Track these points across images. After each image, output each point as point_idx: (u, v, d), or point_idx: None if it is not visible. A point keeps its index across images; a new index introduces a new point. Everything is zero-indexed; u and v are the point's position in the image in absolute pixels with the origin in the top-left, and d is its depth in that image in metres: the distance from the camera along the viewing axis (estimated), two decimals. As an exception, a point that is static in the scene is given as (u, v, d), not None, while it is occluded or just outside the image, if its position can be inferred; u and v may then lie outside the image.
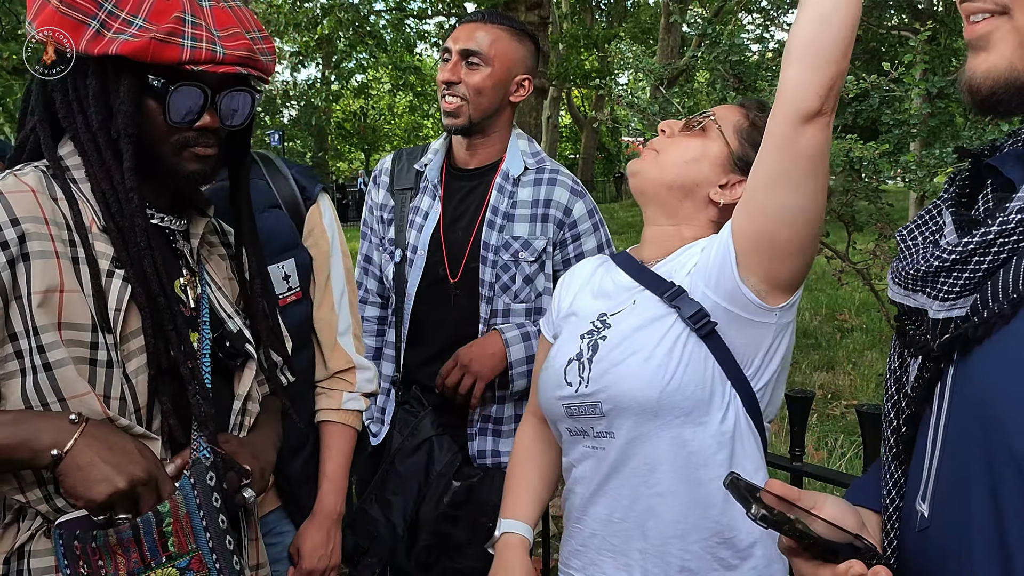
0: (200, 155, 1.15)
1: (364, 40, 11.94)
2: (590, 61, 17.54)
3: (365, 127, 21.62)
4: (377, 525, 1.90)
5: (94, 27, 1.05)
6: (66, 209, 1.09)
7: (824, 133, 1.13)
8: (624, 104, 5.38)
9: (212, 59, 1.07)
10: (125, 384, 1.09)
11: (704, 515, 1.31)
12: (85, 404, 1.05)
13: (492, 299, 2.00)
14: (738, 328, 1.30)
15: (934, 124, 5.07)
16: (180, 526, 1.07)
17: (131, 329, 1.10)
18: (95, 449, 1.01)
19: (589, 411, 1.38)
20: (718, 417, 1.31)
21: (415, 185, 2.11)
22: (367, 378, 1.80)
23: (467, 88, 1.97)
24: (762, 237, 1.22)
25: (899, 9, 8.40)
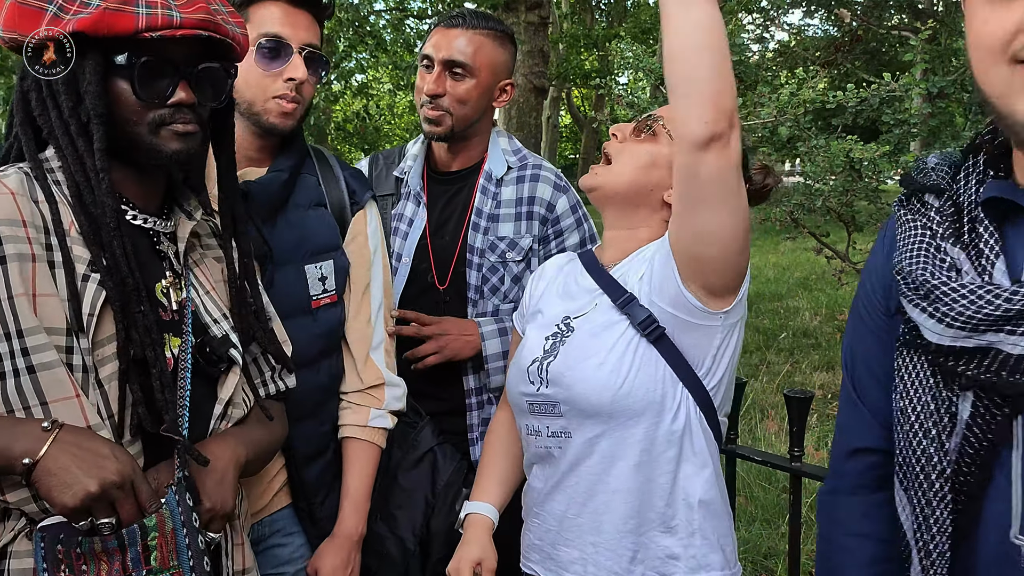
0: (179, 132, 1.13)
1: (364, 40, 11.93)
2: (590, 61, 17.53)
3: (366, 127, 21.59)
4: (384, 542, 1.83)
5: (51, 11, 1.05)
6: (47, 211, 1.08)
7: (723, 157, 1.16)
8: (624, 104, 5.38)
9: (169, 24, 1.05)
10: (98, 390, 1.08)
11: (653, 508, 1.39)
12: (69, 408, 1.04)
13: (478, 302, 1.98)
14: (685, 331, 1.36)
15: (934, 124, 5.08)
16: (164, 541, 1.06)
17: (105, 335, 1.09)
18: (68, 454, 0.99)
19: (548, 410, 1.46)
20: (669, 417, 1.38)
21: (396, 191, 2.06)
22: (396, 396, 1.78)
23: (451, 100, 1.92)
24: (690, 255, 1.29)
25: (899, 9, 8.40)
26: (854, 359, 1.15)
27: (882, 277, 1.08)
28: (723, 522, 1.44)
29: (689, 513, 1.39)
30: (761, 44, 10.08)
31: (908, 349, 0.97)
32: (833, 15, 9.76)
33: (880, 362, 1.08)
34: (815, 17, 12.07)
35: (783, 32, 13.63)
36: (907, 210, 1.04)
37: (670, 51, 1.15)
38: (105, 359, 1.08)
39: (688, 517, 1.39)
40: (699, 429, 1.40)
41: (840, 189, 4.88)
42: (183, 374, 1.19)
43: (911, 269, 0.95)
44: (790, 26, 10.85)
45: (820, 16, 11.30)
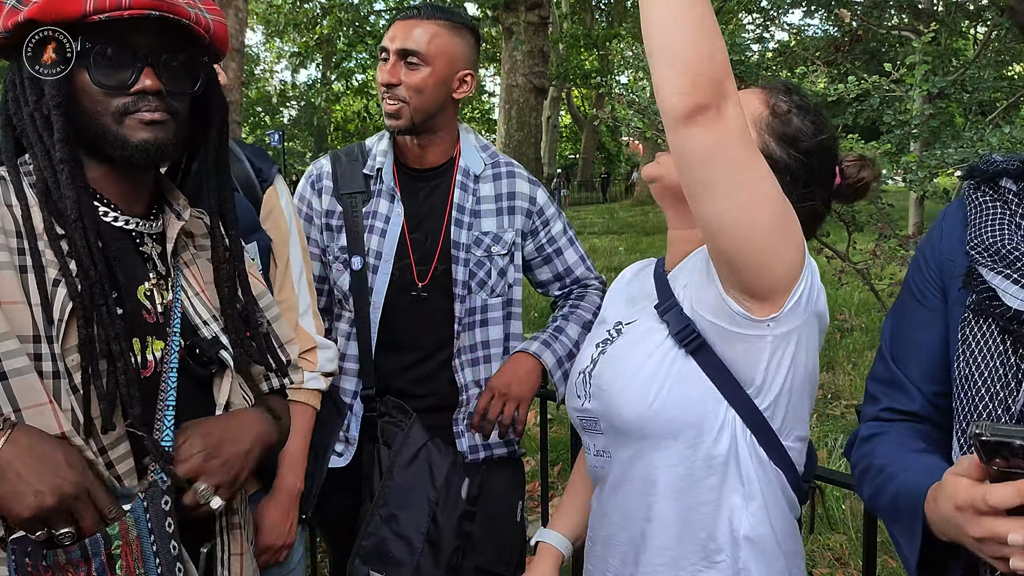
0: (146, 121, 1.10)
1: (364, 40, 11.93)
2: (590, 61, 17.53)
3: (367, 127, 21.60)
4: (388, 545, 1.82)
5: (10, 3, 1.04)
6: (19, 215, 1.06)
7: (712, 131, 1.03)
8: (624, 103, 5.38)
9: (117, 5, 1.03)
10: (72, 396, 1.06)
11: (694, 539, 1.25)
12: (42, 415, 1.02)
13: (466, 297, 1.98)
14: (729, 343, 1.20)
15: (935, 125, 5.07)
16: (129, 549, 1.03)
17: (75, 341, 1.06)
18: (21, 460, 0.96)
19: (592, 426, 1.35)
20: (709, 439, 1.22)
21: (366, 188, 2.03)
22: (328, 357, 1.79)
23: (407, 89, 1.90)
24: (716, 251, 1.13)
25: (899, 9, 8.39)
26: (895, 333, 1.18)
27: (938, 254, 1.13)
28: (776, 563, 1.25)
29: (734, 549, 1.23)
30: (761, 44, 10.07)
31: (979, 317, 1.01)
32: (833, 15, 9.75)
33: (927, 334, 1.12)
34: (815, 17, 12.06)
35: (783, 32, 13.63)
36: (981, 193, 1.10)
37: (645, 23, 1.07)
38: (77, 365, 1.05)
39: (733, 554, 1.23)
40: (749, 454, 1.23)
41: (840, 189, 4.88)
42: (167, 376, 1.16)
43: (992, 240, 1.01)
44: (790, 26, 10.83)
45: (820, 16, 11.30)
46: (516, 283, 2.05)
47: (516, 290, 2.06)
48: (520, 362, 1.94)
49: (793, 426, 1.26)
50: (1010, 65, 7.67)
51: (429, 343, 2.00)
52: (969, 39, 9.13)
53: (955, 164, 4.39)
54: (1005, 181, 1.08)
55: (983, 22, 8.09)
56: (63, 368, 1.04)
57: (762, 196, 1.07)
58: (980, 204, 1.09)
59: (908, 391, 1.14)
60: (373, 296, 1.96)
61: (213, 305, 1.27)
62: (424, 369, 2.00)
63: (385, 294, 1.97)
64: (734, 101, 1.04)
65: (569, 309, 2.07)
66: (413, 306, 1.98)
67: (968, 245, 1.05)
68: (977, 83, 5.72)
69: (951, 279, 1.10)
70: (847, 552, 3.53)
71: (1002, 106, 6.04)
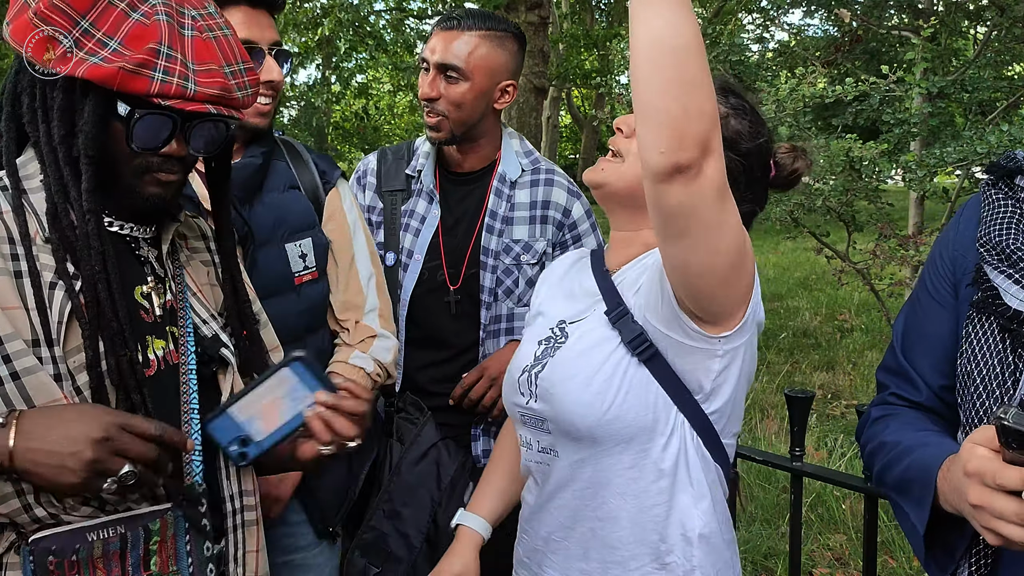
0: (161, 180, 1.12)
1: (364, 40, 11.92)
2: (590, 61, 17.51)
3: (365, 127, 21.58)
4: (388, 540, 1.82)
5: (66, 45, 1.01)
6: (11, 222, 1.06)
7: (690, 191, 1.01)
8: (624, 103, 5.37)
9: (182, 95, 1.04)
10: (77, 397, 1.06)
11: (645, 541, 1.28)
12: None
13: (492, 304, 1.97)
14: (681, 354, 1.23)
15: (934, 124, 5.07)
16: (165, 546, 1.05)
17: (76, 343, 1.06)
18: (39, 440, 0.95)
19: (537, 424, 1.36)
20: (660, 443, 1.26)
21: (407, 187, 2.05)
22: (385, 347, 1.78)
23: (447, 103, 1.90)
24: (677, 283, 1.15)
25: (899, 9, 8.39)
26: (907, 325, 1.20)
27: (952, 249, 1.14)
28: (723, 555, 1.31)
29: (687, 548, 1.27)
30: (761, 44, 10.07)
31: (981, 315, 1.02)
32: (833, 15, 9.74)
33: (936, 328, 1.13)
34: (815, 17, 12.05)
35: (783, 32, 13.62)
36: (996, 190, 1.10)
37: (632, 77, 1.02)
38: (80, 366, 1.06)
39: (686, 553, 1.27)
40: (696, 456, 1.27)
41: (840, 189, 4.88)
42: (187, 376, 1.18)
43: (999, 239, 1.01)
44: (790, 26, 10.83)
45: (820, 16, 11.29)
46: None
47: None
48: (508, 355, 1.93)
49: (732, 425, 1.33)
50: (1010, 65, 7.66)
51: (456, 345, 2.01)
52: (969, 39, 9.13)
53: (954, 163, 4.39)
54: (1020, 179, 1.08)
55: (983, 22, 8.09)
56: (65, 371, 1.04)
57: (728, 243, 1.09)
58: (993, 201, 1.09)
59: (915, 382, 1.16)
60: (401, 293, 1.98)
61: (210, 305, 1.28)
62: (448, 370, 2.00)
63: (412, 292, 1.98)
64: (716, 156, 1.02)
65: None
66: (444, 308, 1.99)
67: (978, 242, 1.06)
68: (977, 83, 5.72)
69: (963, 275, 1.11)
70: (847, 552, 3.52)
71: (1002, 106, 6.04)
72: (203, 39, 1.07)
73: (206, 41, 1.08)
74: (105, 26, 1.02)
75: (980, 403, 0.99)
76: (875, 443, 1.17)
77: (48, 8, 1.01)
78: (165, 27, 1.03)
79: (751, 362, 1.29)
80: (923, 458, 1.03)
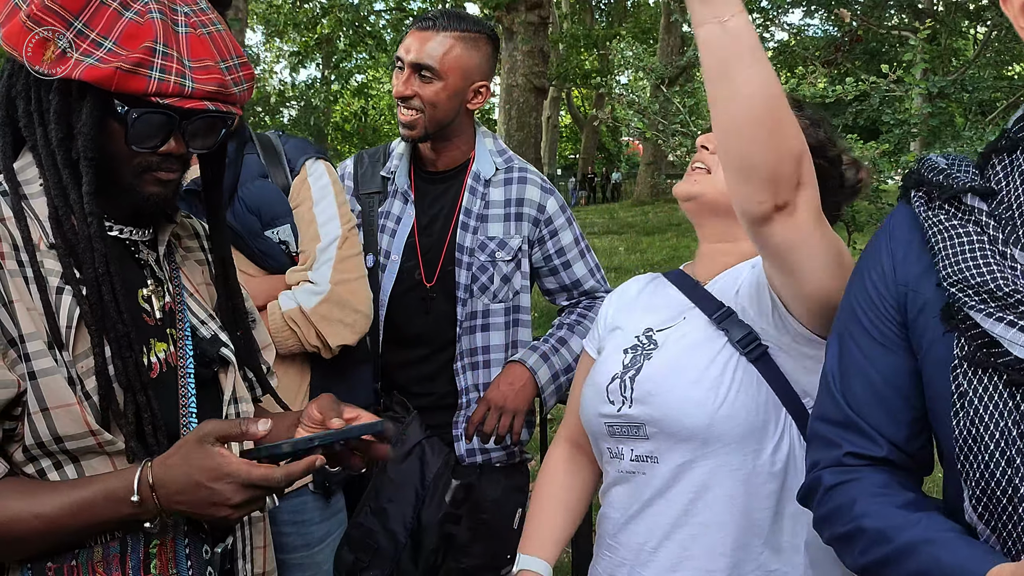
0: (161, 179, 1.11)
1: (364, 40, 11.94)
2: (590, 61, 17.53)
3: (365, 127, 21.60)
4: (375, 536, 1.86)
5: (61, 46, 1.00)
6: (14, 229, 1.05)
7: (788, 226, 1.03)
8: (625, 103, 5.38)
9: (180, 93, 1.03)
10: (87, 401, 1.06)
11: (749, 547, 1.23)
12: (71, 415, 1.02)
13: (468, 301, 1.99)
14: (789, 355, 1.22)
15: (934, 124, 5.07)
16: (165, 549, 1.05)
17: (85, 347, 1.06)
18: (182, 503, 1.01)
19: (632, 432, 1.31)
20: (771, 446, 1.23)
21: (383, 189, 2.07)
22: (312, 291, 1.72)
23: (421, 101, 1.92)
24: (789, 303, 1.18)
25: (899, 9, 8.40)
26: (843, 367, 1.02)
27: (893, 283, 0.98)
28: (829, 568, 1.23)
29: (793, 557, 1.23)
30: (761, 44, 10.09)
31: (978, 368, 0.87)
32: (833, 15, 9.75)
33: (884, 374, 0.99)
34: (815, 17, 12.07)
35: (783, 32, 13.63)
36: (944, 214, 0.93)
37: (717, 124, 1.02)
38: (88, 371, 1.06)
39: (792, 561, 1.23)
40: (804, 462, 1.18)
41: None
42: (185, 380, 1.18)
43: (980, 276, 0.86)
44: (790, 26, 10.86)
45: (820, 16, 11.30)
46: (523, 290, 2.05)
47: (523, 297, 2.05)
48: (515, 374, 1.95)
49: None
50: (1010, 65, 7.66)
51: (432, 343, 2.02)
52: (969, 39, 9.14)
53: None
54: (970, 198, 0.92)
55: (983, 22, 8.09)
56: (75, 375, 1.04)
57: (833, 262, 1.09)
58: (947, 229, 0.92)
59: (870, 436, 0.99)
60: (380, 295, 1.99)
61: (207, 304, 1.29)
62: (426, 368, 2.02)
63: (391, 292, 2.00)
64: (809, 185, 1.03)
65: (576, 319, 2.07)
66: (419, 306, 2.01)
67: (945, 280, 0.89)
68: (977, 83, 5.72)
69: (917, 312, 0.95)
70: (847, 552, 3.51)
71: (1002, 106, 6.05)
72: (197, 35, 1.07)
73: (200, 37, 1.07)
74: (99, 26, 1.01)
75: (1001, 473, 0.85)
76: (850, 526, 0.97)
77: (40, 10, 1.00)
78: (159, 25, 1.02)
79: None
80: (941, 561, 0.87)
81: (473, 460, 1.99)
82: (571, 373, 1.97)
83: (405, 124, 1.95)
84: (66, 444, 1.03)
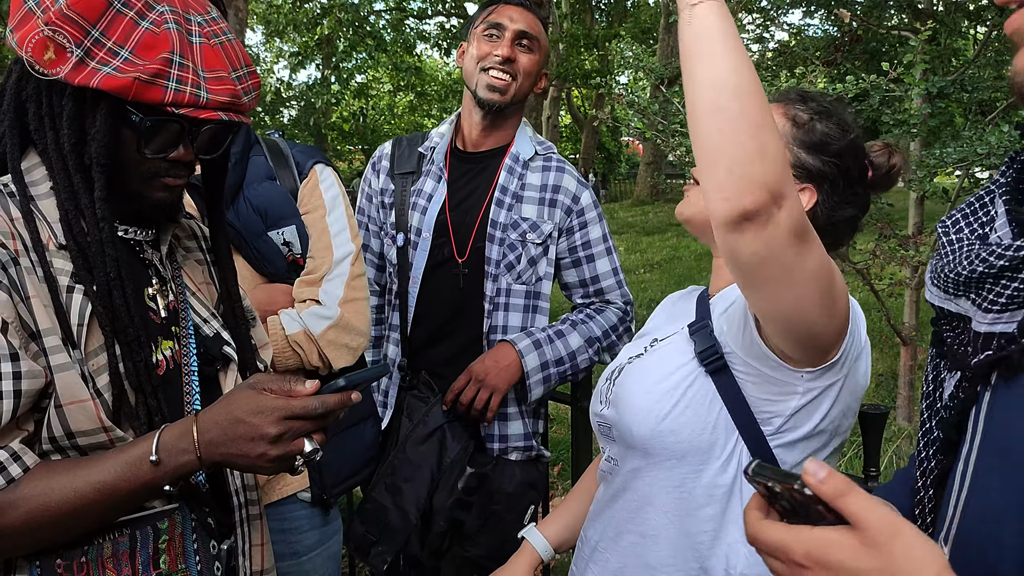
0: (169, 185, 1.13)
1: (364, 40, 11.94)
2: (590, 61, 17.53)
3: (363, 127, 21.60)
4: (387, 513, 1.88)
5: (77, 55, 1.01)
6: (23, 229, 1.07)
7: (762, 239, 0.93)
8: (624, 103, 5.38)
9: (195, 104, 1.05)
10: (98, 399, 1.07)
11: (685, 568, 1.21)
12: (85, 411, 1.03)
13: (498, 277, 2.00)
14: (757, 381, 1.16)
15: (934, 124, 5.07)
16: (173, 544, 1.07)
17: (95, 345, 1.07)
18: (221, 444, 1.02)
19: (607, 432, 1.35)
20: (714, 467, 1.19)
21: (417, 168, 2.11)
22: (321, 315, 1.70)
23: (519, 67, 2.00)
24: (764, 326, 1.10)
25: (899, 9, 8.39)
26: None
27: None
28: None
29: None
30: (761, 44, 10.08)
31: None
32: (833, 15, 9.74)
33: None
34: (815, 17, 12.05)
35: (783, 32, 13.63)
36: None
37: (689, 113, 0.96)
38: (100, 369, 1.07)
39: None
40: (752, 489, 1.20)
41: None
42: (189, 378, 1.19)
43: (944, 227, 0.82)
44: (790, 26, 10.84)
45: (820, 16, 11.28)
46: (546, 277, 2.06)
47: (544, 284, 2.06)
48: (502, 352, 1.96)
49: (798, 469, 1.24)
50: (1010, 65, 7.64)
51: (461, 322, 2.04)
52: (969, 39, 9.14)
53: (954, 163, 4.39)
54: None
55: (983, 22, 8.10)
56: (87, 372, 1.05)
57: (812, 287, 0.99)
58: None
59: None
60: (413, 271, 2.03)
61: (208, 304, 1.30)
62: (454, 347, 2.04)
63: (424, 270, 2.03)
64: (790, 199, 0.93)
65: (582, 318, 2.09)
66: (450, 282, 2.03)
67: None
68: (977, 83, 5.72)
69: None
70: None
71: (1002, 106, 6.04)
72: (210, 46, 1.08)
73: (214, 48, 1.08)
74: (115, 35, 1.02)
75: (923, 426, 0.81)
76: None
77: (59, 18, 1.01)
78: (176, 36, 1.04)
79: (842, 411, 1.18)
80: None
81: (492, 445, 2.01)
82: (563, 367, 1.98)
83: (499, 88, 2.00)
84: (78, 440, 1.04)
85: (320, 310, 1.70)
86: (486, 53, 2.01)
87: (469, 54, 2.05)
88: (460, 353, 2.02)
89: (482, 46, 2.02)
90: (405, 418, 1.98)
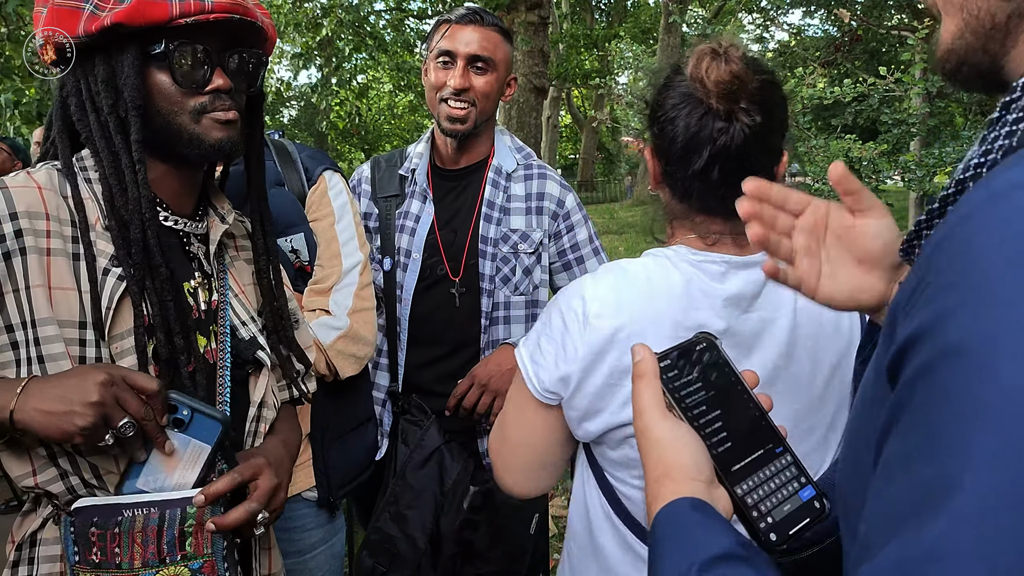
0: (221, 120, 1.14)
1: (364, 41, 11.94)
2: (590, 61, 17.53)
3: (359, 127, 21.62)
4: (395, 542, 1.86)
5: (88, 9, 1.07)
6: (72, 205, 1.10)
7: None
8: (624, 104, 5.39)
9: (201, 9, 1.08)
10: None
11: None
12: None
13: (493, 292, 2.00)
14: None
15: (933, 123, 5.08)
16: (201, 529, 1.09)
17: (123, 328, 1.10)
18: (42, 393, 0.99)
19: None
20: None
21: (400, 191, 2.09)
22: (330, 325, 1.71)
23: (476, 93, 1.97)
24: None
25: (899, 9, 8.41)
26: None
27: None
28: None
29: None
30: (761, 44, 10.09)
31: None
32: (833, 15, 9.76)
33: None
34: (815, 17, 12.07)
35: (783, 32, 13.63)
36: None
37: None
38: (124, 352, 1.09)
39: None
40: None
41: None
42: (223, 374, 1.21)
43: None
44: (790, 26, 10.86)
45: (820, 16, 11.30)
46: (543, 284, 2.07)
47: (542, 292, 2.07)
48: (505, 356, 1.96)
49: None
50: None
51: (456, 339, 2.03)
52: (968, 39, 9.14)
53: (954, 163, 4.40)
54: None
55: (982, 22, 8.10)
56: (107, 355, 1.08)
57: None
58: None
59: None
60: (403, 293, 2.01)
61: (251, 307, 1.31)
62: (450, 366, 2.03)
63: (415, 291, 2.01)
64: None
65: None
66: (446, 301, 2.02)
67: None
68: (976, 83, 5.71)
69: None
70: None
71: (1001, 106, 6.05)
72: None
73: None
74: None
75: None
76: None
77: None
78: None
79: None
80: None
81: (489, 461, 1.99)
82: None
83: (458, 118, 1.98)
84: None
85: (330, 320, 1.71)
86: (441, 83, 2.00)
87: (427, 81, 2.05)
88: (457, 372, 2.01)
89: (438, 75, 2.01)
90: (401, 444, 1.96)
